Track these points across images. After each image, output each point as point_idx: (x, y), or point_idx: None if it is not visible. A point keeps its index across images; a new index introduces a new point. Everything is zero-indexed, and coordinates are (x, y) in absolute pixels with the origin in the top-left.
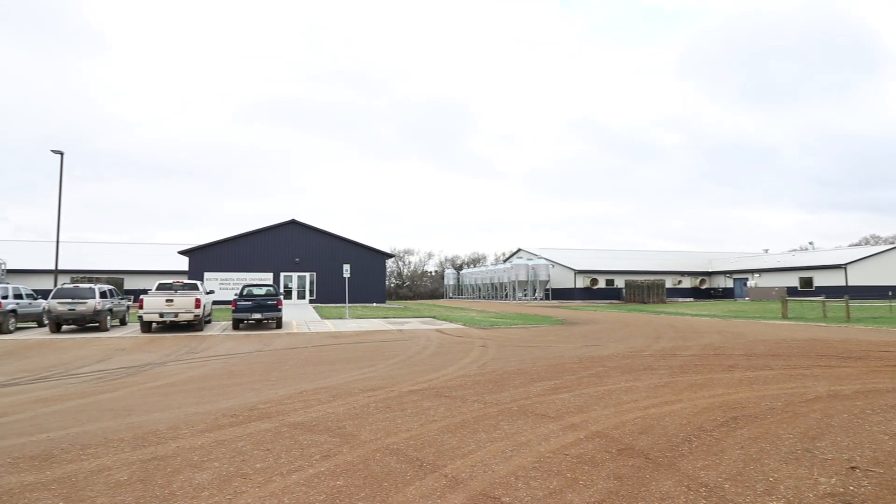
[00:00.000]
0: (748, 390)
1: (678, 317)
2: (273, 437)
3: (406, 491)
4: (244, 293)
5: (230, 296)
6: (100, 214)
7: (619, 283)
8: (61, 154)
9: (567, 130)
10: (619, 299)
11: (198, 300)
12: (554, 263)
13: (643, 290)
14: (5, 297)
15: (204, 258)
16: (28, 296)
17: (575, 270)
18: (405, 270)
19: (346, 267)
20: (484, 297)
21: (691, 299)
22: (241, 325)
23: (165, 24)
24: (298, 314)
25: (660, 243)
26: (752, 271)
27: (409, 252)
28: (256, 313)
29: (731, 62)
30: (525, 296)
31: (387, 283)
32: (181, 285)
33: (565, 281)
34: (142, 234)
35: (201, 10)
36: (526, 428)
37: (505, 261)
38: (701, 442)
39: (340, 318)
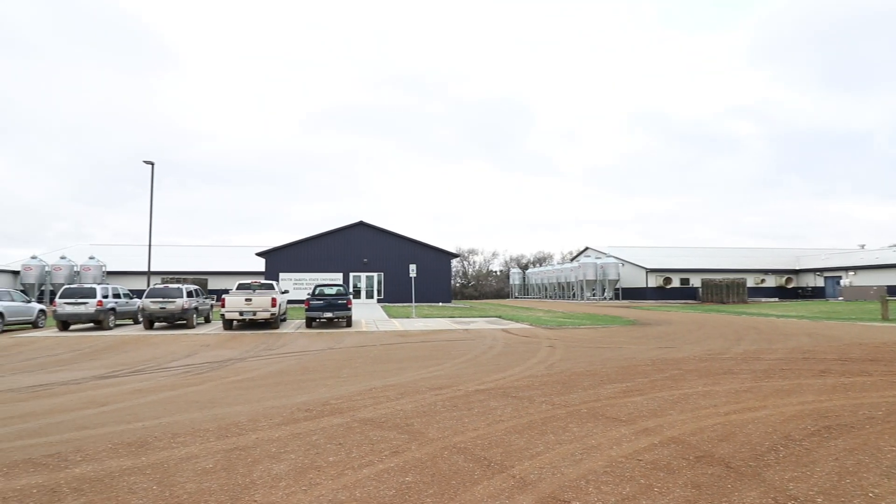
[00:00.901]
0: (843, 397)
1: (761, 318)
2: (345, 432)
3: (474, 490)
4: (316, 293)
5: (303, 295)
6: (184, 220)
7: (695, 282)
8: (152, 164)
9: (629, 124)
10: (694, 299)
11: (273, 299)
12: (624, 262)
13: (721, 289)
14: (106, 297)
15: (279, 259)
16: (125, 295)
17: (646, 269)
18: (470, 270)
19: (413, 267)
20: (550, 297)
21: (776, 299)
22: (313, 323)
23: (233, 40)
24: (367, 313)
25: (735, 240)
26: (847, 269)
27: (473, 252)
28: (328, 312)
29: (809, 44)
30: (593, 295)
31: (452, 282)
32: (258, 285)
33: (636, 280)
34: (221, 238)
35: (267, 24)
36: (596, 431)
37: (572, 260)
38: (789, 452)
39: (407, 318)
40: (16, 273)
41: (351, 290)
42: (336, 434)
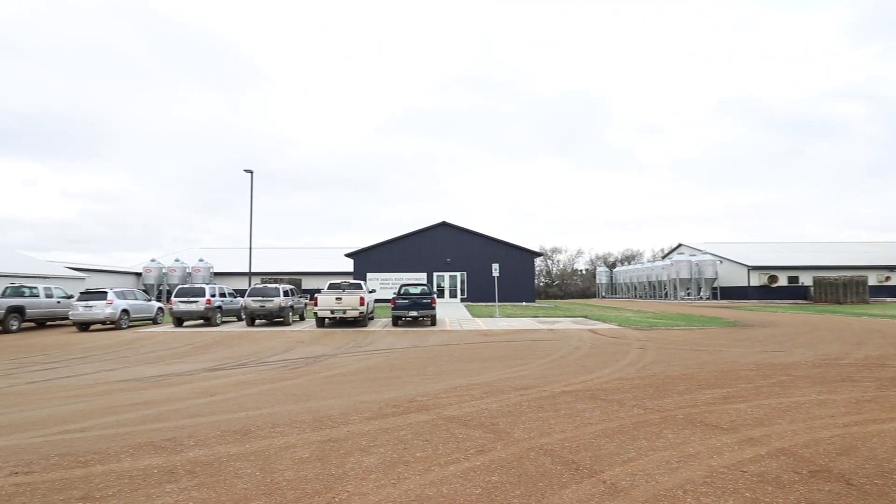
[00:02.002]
0: None
1: (888, 320)
2: (431, 429)
3: (562, 493)
4: (401, 292)
5: (389, 294)
6: (276, 223)
7: (805, 280)
8: (251, 172)
9: (716, 113)
10: (804, 299)
11: (362, 298)
12: (722, 259)
13: (837, 287)
14: (213, 296)
15: (366, 260)
16: (230, 294)
17: (748, 266)
18: (554, 269)
19: (495, 266)
20: (640, 297)
21: None
22: (399, 321)
23: (311, 54)
24: (451, 312)
25: (847, 233)
26: None
27: (557, 250)
28: (413, 311)
29: None
30: (688, 295)
31: (535, 282)
32: (348, 285)
33: (736, 278)
34: (312, 240)
35: (340, 36)
36: (694, 438)
37: (663, 257)
38: None
39: (491, 317)
40: (138, 274)
41: (435, 289)
42: (423, 430)
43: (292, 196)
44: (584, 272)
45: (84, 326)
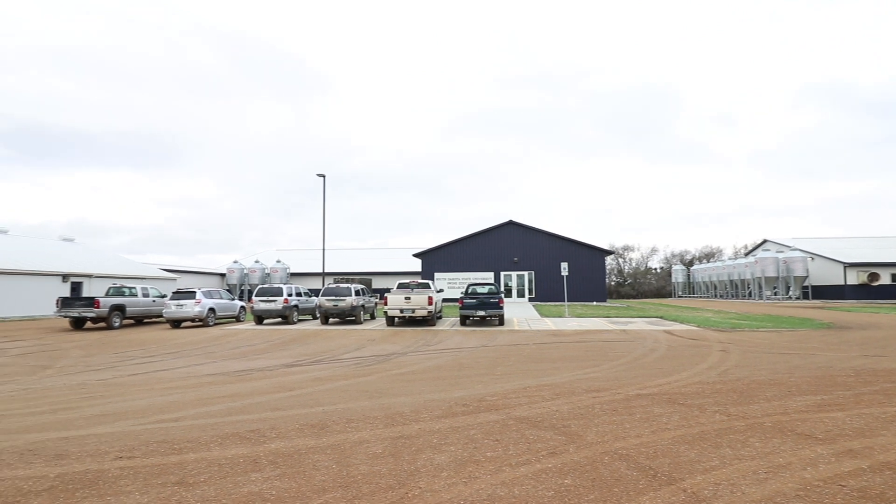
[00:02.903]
0: None
1: None
2: (501, 429)
3: (639, 500)
4: (469, 291)
5: (457, 294)
6: (346, 225)
7: None
8: (323, 177)
9: (798, 99)
10: None
11: (430, 298)
12: (813, 255)
13: None
14: (290, 295)
15: (433, 260)
16: (305, 294)
17: (844, 263)
18: (626, 268)
19: (564, 265)
20: (721, 296)
21: None
22: (467, 321)
23: (373, 63)
24: (519, 312)
25: None
26: None
27: (629, 248)
28: (480, 310)
29: None
30: (775, 294)
31: (607, 281)
32: (416, 285)
33: (830, 276)
34: (380, 241)
35: (400, 40)
36: (784, 448)
37: (746, 254)
38: None
39: (560, 317)
40: (222, 275)
41: (502, 288)
42: (493, 430)
43: (360, 198)
44: (658, 271)
45: (176, 323)
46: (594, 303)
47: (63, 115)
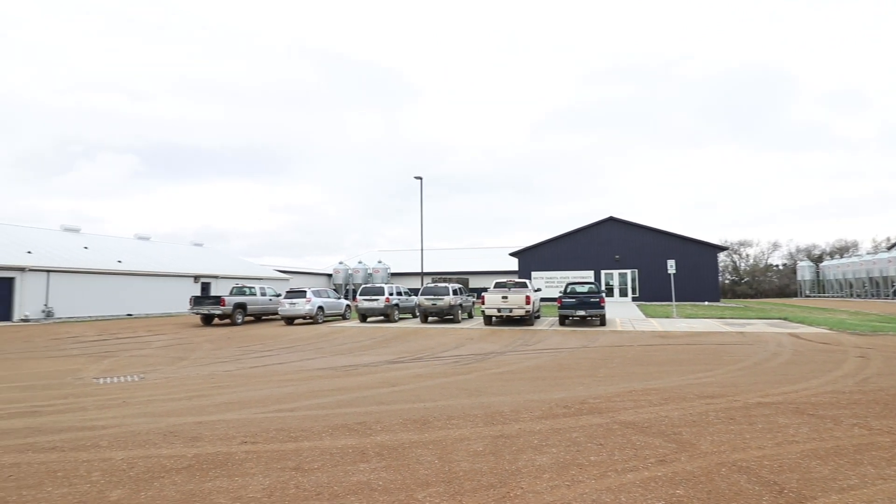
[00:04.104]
0: None
1: None
2: (605, 433)
3: None
4: (568, 291)
5: (555, 293)
6: (440, 226)
7: None
8: (420, 179)
9: None
10: None
11: (528, 297)
12: None
13: None
14: (391, 295)
15: (530, 258)
16: (405, 293)
17: None
18: (742, 265)
19: (671, 263)
20: (857, 296)
21: None
22: (566, 321)
23: (459, 66)
24: (621, 312)
25: None
26: None
27: (745, 244)
28: (580, 310)
29: None
30: None
31: (720, 279)
32: (513, 284)
33: None
34: (475, 240)
35: (484, 40)
36: None
37: (889, 248)
38: None
39: (667, 317)
40: (329, 275)
41: (603, 287)
42: (596, 434)
43: (452, 199)
44: (780, 267)
45: (289, 320)
46: (706, 303)
47: (188, 135)
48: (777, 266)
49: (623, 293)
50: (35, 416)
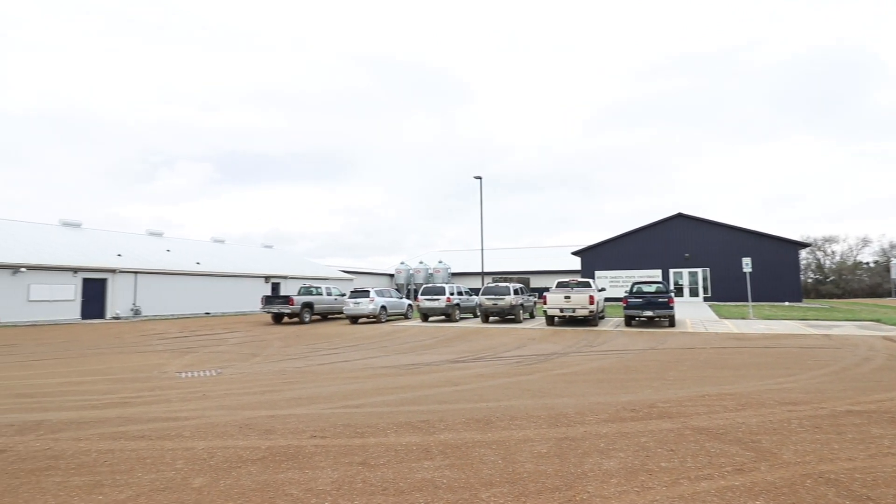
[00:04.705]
0: None
1: None
2: (676, 439)
3: None
4: (634, 290)
5: (620, 293)
6: (498, 225)
7: None
8: (480, 178)
9: None
10: None
11: (591, 297)
12: None
13: None
14: (452, 294)
15: (593, 257)
16: (466, 293)
17: None
18: (827, 262)
19: (746, 261)
20: None
21: None
22: (632, 321)
23: (511, 66)
24: (692, 312)
25: None
26: None
27: (830, 240)
28: (647, 311)
29: None
30: None
31: (802, 277)
32: (576, 283)
33: None
34: (534, 239)
35: (536, 36)
36: None
37: None
38: None
39: (743, 318)
40: (391, 275)
41: (672, 287)
42: (666, 439)
43: (509, 198)
44: (871, 265)
45: (354, 319)
46: (786, 303)
47: (256, 143)
48: (867, 264)
49: (693, 293)
50: (126, 407)
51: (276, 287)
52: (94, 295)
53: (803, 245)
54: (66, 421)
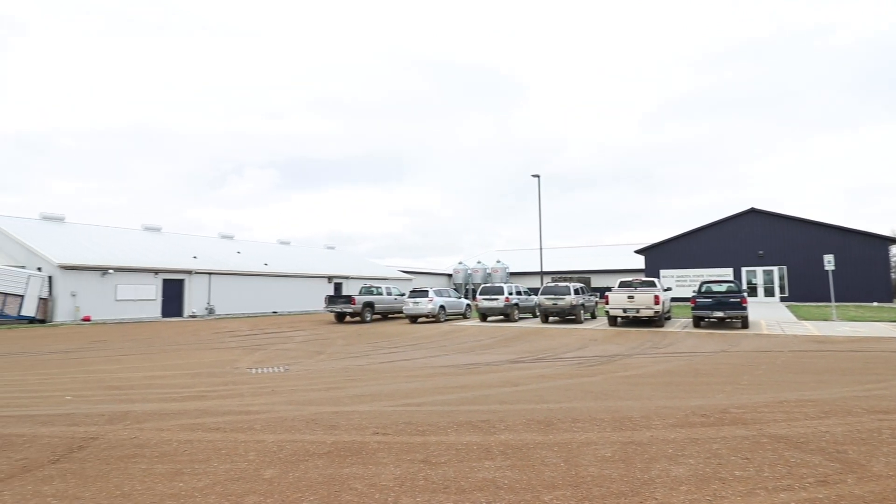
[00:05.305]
0: None
1: None
2: (751, 446)
3: None
4: (703, 290)
5: (687, 293)
6: (556, 223)
7: None
8: (538, 177)
9: None
10: None
11: (657, 297)
12: None
13: None
14: (511, 294)
15: (658, 256)
16: (525, 293)
17: None
18: None
19: (828, 258)
20: None
21: None
22: (701, 322)
23: (565, 65)
24: (767, 313)
25: None
26: None
27: None
28: (718, 311)
29: None
30: None
31: (893, 276)
32: (640, 283)
33: None
34: (594, 238)
35: (591, 31)
36: None
37: None
38: None
39: (825, 320)
40: (449, 275)
41: (744, 286)
42: (740, 447)
43: (566, 196)
44: None
45: (413, 319)
46: (874, 304)
47: (316, 148)
48: None
49: (768, 293)
50: (203, 400)
51: (338, 287)
52: (172, 294)
53: (893, 240)
54: (150, 412)
